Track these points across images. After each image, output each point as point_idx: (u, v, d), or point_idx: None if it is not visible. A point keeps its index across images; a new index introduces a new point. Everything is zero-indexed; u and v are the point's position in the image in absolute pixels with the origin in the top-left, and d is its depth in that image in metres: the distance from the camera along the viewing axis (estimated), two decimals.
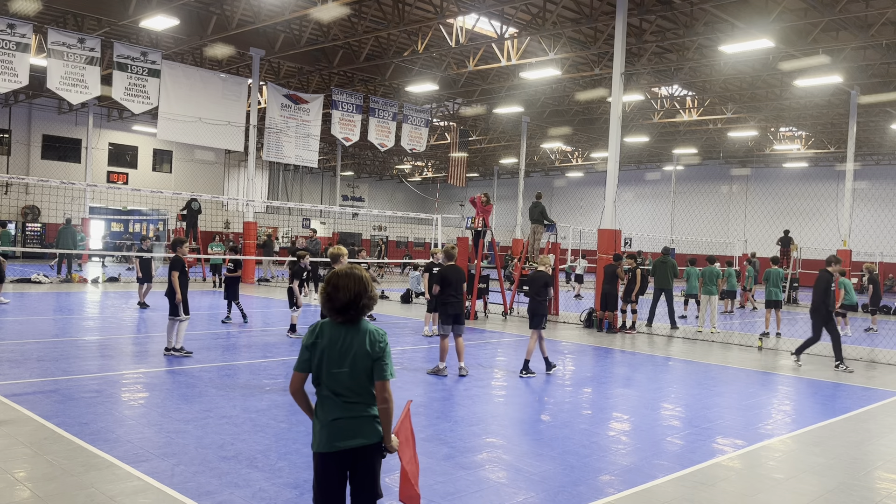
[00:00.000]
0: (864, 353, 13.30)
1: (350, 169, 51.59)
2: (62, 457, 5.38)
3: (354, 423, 3.36)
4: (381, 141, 26.93)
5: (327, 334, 3.42)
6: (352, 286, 3.37)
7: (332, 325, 3.43)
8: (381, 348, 3.40)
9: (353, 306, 3.37)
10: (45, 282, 20.56)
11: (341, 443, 3.34)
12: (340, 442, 3.34)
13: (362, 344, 3.38)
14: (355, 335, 3.40)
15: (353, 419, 3.36)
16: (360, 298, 3.38)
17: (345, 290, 3.36)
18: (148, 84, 21.42)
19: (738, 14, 17.06)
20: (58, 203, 30.90)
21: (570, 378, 9.75)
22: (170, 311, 9.87)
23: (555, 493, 5.14)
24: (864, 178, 35.31)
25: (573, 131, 34.18)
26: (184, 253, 10.19)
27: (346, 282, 3.38)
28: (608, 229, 15.99)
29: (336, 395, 3.35)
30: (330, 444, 3.35)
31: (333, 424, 3.35)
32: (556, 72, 22.67)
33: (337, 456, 3.35)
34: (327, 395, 3.38)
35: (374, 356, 3.37)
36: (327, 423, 3.36)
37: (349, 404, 3.35)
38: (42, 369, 8.53)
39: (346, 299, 3.36)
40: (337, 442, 3.34)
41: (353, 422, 3.36)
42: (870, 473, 6.07)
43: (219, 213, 39.03)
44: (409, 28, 20.30)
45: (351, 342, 3.38)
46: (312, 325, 3.49)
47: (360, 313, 3.41)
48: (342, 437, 3.34)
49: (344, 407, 3.35)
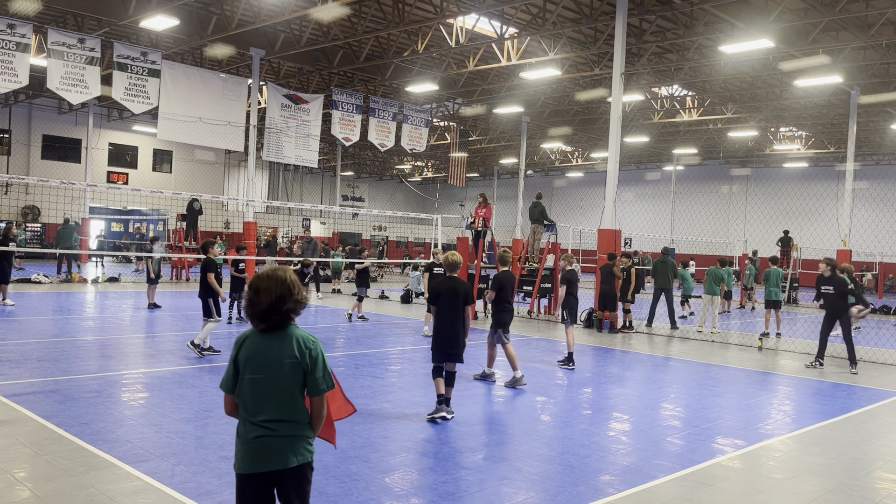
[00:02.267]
0: (864, 353, 13.29)
1: (350, 169, 51.58)
2: (62, 457, 5.38)
3: (279, 442, 3.01)
4: (381, 141, 26.92)
5: (248, 345, 3.08)
6: (274, 289, 3.03)
7: (256, 335, 3.10)
8: (314, 357, 3.05)
9: (276, 311, 3.04)
10: (45, 282, 20.57)
11: (264, 464, 3.00)
12: (263, 463, 3.00)
13: (290, 353, 3.03)
14: (281, 343, 3.05)
15: (278, 438, 3.01)
16: (284, 302, 3.04)
17: (265, 293, 3.03)
18: (148, 84, 21.41)
19: (738, 14, 17.05)
20: (58, 203, 30.90)
21: (570, 378, 9.75)
22: (204, 312, 10.11)
23: (555, 493, 5.14)
24: (864, 178, 35.32)
25: (573, 131, 34.18)
26: (215, 254, 10.43)
27: (266, 284, 3.04)
28: (608, 229, 15.99)
29: (258, 411, 3.02)
30: (252, 465, 3.01)
31: (255, 443, 3.01)
32: (556, 72, 22.67)
33: (259, 478, 3.01)
34: (250, 410, 3.03)
35: (304, 367, 3.03)
36: (249, 441, 3.03)
37: (274, 422, 3.01)
38: (42, 369, 8.54)
39: (265, 304, 3.03)
40: (259, 463, 3.01)
41: (279, 441, 3.01)
42: (870, 473, 6.07)
43: (219, 213, 39.02)
44: (409, 28, 20.30)
45: (278, 351, 3.03)
46: (238, 336, 3.16)
47: (284, 319, 3.07)
48: (265, 458, 3.00)
49: (267, 425, 3.00)
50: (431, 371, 7.26)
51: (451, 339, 7.12)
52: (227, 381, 3.12)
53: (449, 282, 7.28)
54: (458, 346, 7.13)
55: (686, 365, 11.44)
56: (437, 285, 7.33)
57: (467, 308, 7.22)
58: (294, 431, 3.05)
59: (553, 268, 17.05)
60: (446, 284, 7.25)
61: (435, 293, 7.28)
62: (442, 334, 7.16)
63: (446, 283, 7.27)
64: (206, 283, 10.11)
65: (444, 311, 7.17)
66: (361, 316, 15.40)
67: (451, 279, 7.31)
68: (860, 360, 12.18)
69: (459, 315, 7.15)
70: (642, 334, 15.06)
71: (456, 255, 7.35)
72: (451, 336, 7.13)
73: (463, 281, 7.39)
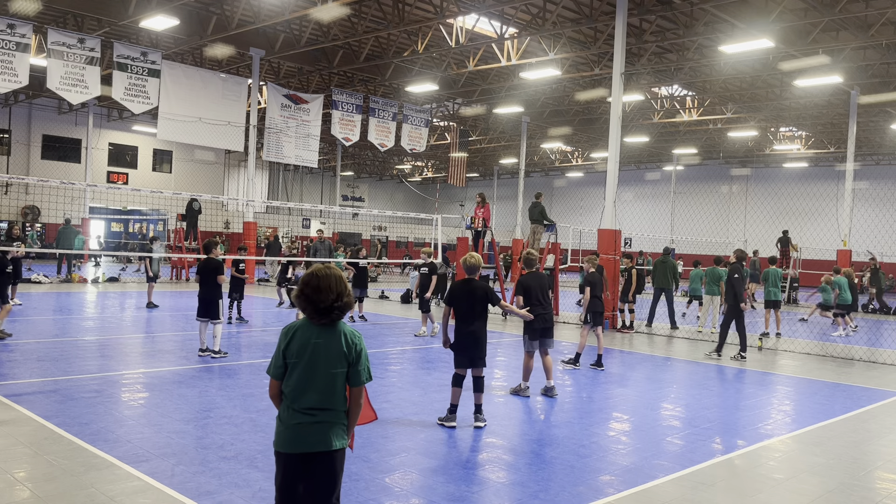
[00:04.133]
0: (865, 353, 13.29)
1: (350, 169, 51.58)
2: (62, 457, 5.38)
3: (320, 427, 3.27)
4: (381, 141, 26.93)
5: (300, 336, 3.32)
6: (334, 286, 3.29)
7: (306, 327, 3.34)
8: (358, 351, 3.32)
9: (336, 308, 3.29)
10: (45, 282, 20.57)
11: (303, 446, 3.26)
12: (302, 445, 3.26)
13: (338, 346, 3.30)
14: (331, 337, 3.31)
15: (319, 424, 3.27)
16: (342, 300, 3.30)
17: (327, 290, 3.27)
18: (148, 84, 21.42)
19: (738, 14, 17.05)
20: (58, 203, 30.90)
21: (570, 378, 9.75)
22: (209, 313, 9.79)
23: (555, 493, 5.14)
24: (864, 178, 35.30)
25: (573, 131, 34.18)
26: (218, 254, 10.27)
27: (327, 282, 3.29)
28: (608, 229, 15.99)
29: (302, 398, 3.27)
30: (292, 446, 3.27)
31: (297, 427, 3.27)
32: (556, 72, 22.67)
33: (298, 458, 3.27)
34: (295, 396, 3.29)
35: (350, 360, 3.30)
36: (290, 426, 3.28)
37: (316, 409, 3.26)
38: (42, 369, 8.54)
39: (329, 300, 3.27)
40: (299, 444, 3.26)
41: (319, 426, 3.27)
42: (870, 473, 6.07)
43: (219, 213, 39.02)
44: (409, 28, 20.30)
45: (327, 344, 3.30)
46: (286, 328, 3.41)
47: (341, 314, 3.34)
48: (304, 441, 3.26)
49: (310, 411, 3.26)
50: (452, 378, 6.98)
51: (473, 343, 6.85)
52: (277, 368, 3.34)
53: (465, 284, 6.98)
54: (481, 350, 6.90)
55: (686, 365, 11.44)
56: (454, 289, 7.02)
57: (497, 306, 7.08)
58: (333, 419, 3.30)
59: (553, 268, 17.03)
60: (463, 287, 6.96)
61: (451, 297, 7.00)
62: (464, 339, 6.87)
63: (462, 287, 6.97)
64: (211, 283, 9.83)
65: (464, 316, 6.88)
66: (362, 316, 15.41)
67: (468, 281, 7.02)
68: (860, 360, 12.19)
69: (479, 317, 6.88)
70: (642, 334, 15.06)
71: (475, 257, 7.11)
72: (473, 340, 6.85)
73: (481, 283, 7.07)
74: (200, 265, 10.13)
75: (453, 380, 6.99)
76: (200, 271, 10.00)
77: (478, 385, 6.97)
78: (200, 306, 9.86)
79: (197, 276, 10.08)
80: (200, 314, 9.87)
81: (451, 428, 6.76)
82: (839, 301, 16.34)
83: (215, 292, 9.84)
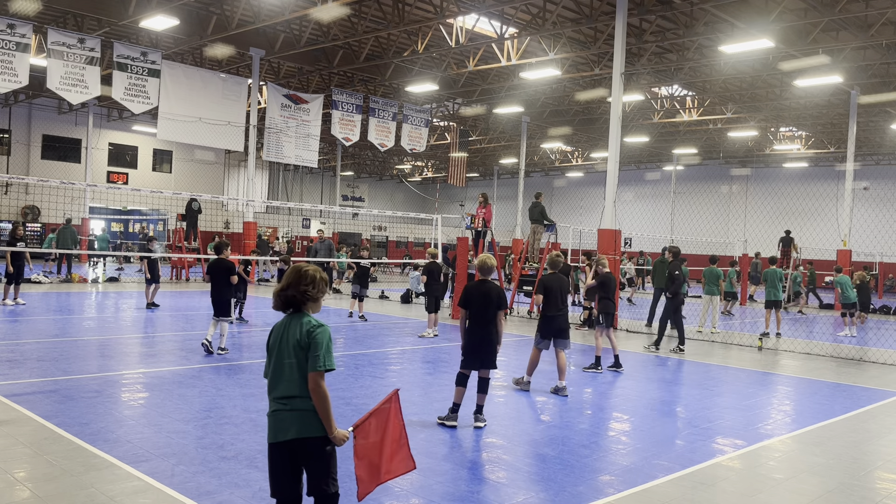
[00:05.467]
0: (864, 353, 13.29)
1: (350, 169, 51.57)
2: (62, 457, 5.38)
3: (291, 415, 3.39)
4: (381, 141, 26.93)
5: (273, 330, 3.58)
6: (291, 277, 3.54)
7: (280, 321, 3.56)
8: (313, 337, 3.41)
9: (282, 295, 3.52)
10: (45, 282, 20.57)
11: (280, 435, 3.39)
12: (279, 434, 3.40)
13: (295, 334, 3.44)
14: (292, 326, 3.48)
15: (290, 412, 3.40)
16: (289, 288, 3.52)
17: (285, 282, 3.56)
18: (148, 84, 21.41)
19: (738, 14, 17.05)
20: (58, 203, 30.90)
21: (570, 378, 9.75)
22: (221, 311, 10.06)
23: (555, 493, 5.14)
24: (864, 178, 35.26)
25: (573, 131, 34.17)
26: (228, 255, 10.42)
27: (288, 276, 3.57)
28: (608, 229, 15.99)
29: (275, 388, 3.45)
30: (273, 436, 3.43)
31: (273, 416, 3.44)
32: (556, 72, 22.67)
33: (280, 447, 3.41)
34: (270, 386, 3.50)
35: (303, 345, 3.41)
36: (269, 415, 3.47)
37: (286, 398, 3.41)
38: (42, 369, 8.53)
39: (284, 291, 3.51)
40: (277, 434, 3.40)
41: (290, 414, 3.39)
42: (870, 473, 6.07)
43: (219, 213, 39.02)
44: (409, 28, 20.30)
45: (288, 333, 3.46)
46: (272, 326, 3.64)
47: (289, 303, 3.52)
48: (280, 430, 3.40)
49: (281, 400, 3.42)
50: (456, 377, 6.97)
51: (484, 344, 6.86)
52: (266, 366, 3.57)
53: (481, 286, 6.94)
54: (492, 351, 6.89)
55: (686, 365, 11.44)
56: (469, 291, 6.97)
57: (500, 313, 6.91)
58: (306, 406, 3.39)
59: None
60: (479, 289, 6.93)
61: (466, 298, 6.95)
62: (475, 340, 6.88)
63: (478, 288, 6.94)
64: (223, 283, 10.04)
65: (477, 317, 6.87)
66: (362, 315, 15.41)
67: (484, 283, 6.97)
68: (861, 360, 12.19)
69: (492, 320, 6.87)
70: (642, 334, 15.05)
71: (491, 259, 7.07)
72: (486, 342, 6.86)
73: (496, 286, 7.04)
74: (211, 265, 10.29)
75: (457, 379, 6.99)
76: (212, 272, 10.17)
77: (483, 386, 6.98)
78: (214, 306, 10.14)
79: (207, 276, 10.29)
80: (216, 313, 10.13)
81: (452, 427, 6.77)
82: (842, 300, 16.36)
83: (227, 292, 10.11)
